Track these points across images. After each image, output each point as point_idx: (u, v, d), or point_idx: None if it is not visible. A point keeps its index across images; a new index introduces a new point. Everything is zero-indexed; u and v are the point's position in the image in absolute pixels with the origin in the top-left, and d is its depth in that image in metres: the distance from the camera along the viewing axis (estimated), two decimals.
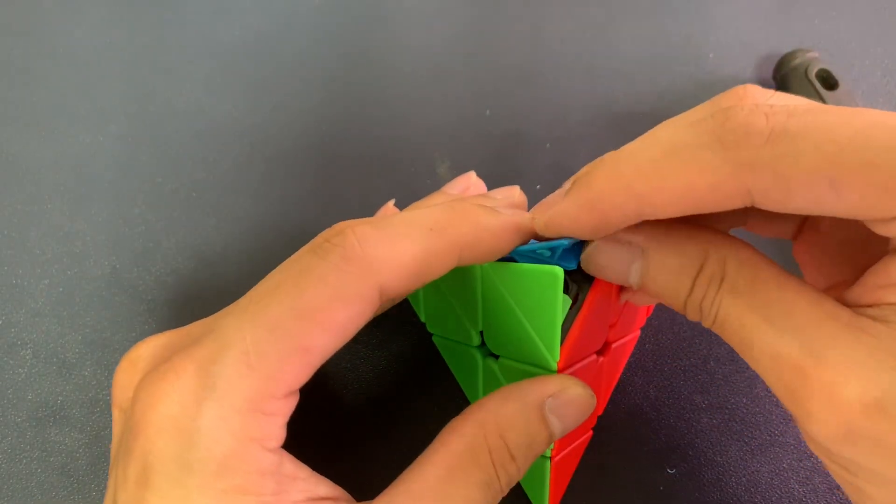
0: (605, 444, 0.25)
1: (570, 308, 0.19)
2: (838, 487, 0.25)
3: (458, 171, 0.30)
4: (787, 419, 0.26)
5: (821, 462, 0.25)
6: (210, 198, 0.30)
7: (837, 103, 0.30)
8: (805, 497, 0.24)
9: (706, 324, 0.17)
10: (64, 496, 0.25)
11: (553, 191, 0.19)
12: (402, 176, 0.31)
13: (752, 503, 0.24)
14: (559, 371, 0.20)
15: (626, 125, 0.32)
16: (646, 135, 0.17)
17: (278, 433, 0.16)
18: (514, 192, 0.22)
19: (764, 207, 0.15)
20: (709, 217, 0.18)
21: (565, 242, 0.18)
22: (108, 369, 0.27)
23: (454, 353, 0.25)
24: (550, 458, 0.22)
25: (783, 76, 0.32)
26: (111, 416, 0.26)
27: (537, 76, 0.33)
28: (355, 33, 0.34)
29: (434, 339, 0.26)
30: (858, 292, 0.15)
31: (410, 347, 0.27)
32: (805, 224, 0.20)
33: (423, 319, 0.26)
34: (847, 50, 0.34)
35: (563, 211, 0.17)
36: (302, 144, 0.31)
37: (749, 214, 0.20)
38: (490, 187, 0.30)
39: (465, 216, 0.18)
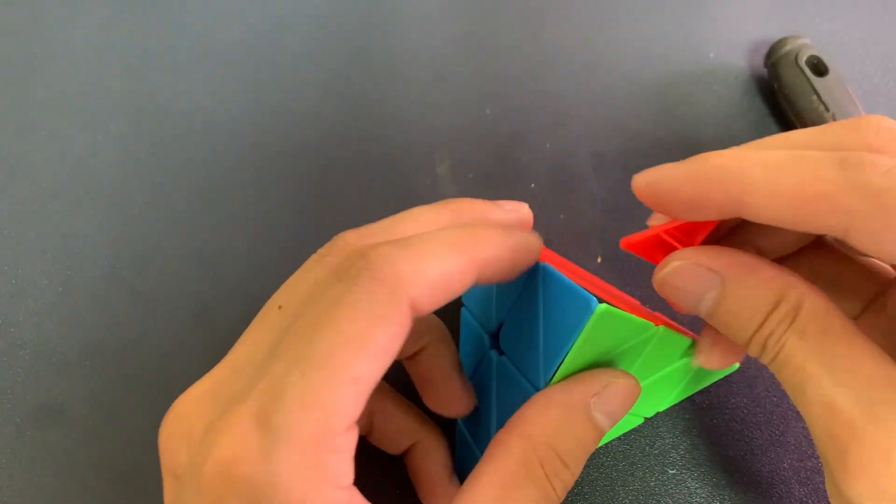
0: (605, 444, 0.25)
1: None
2: None
3: (458, 170, 0.30)
4: (788, 419, 0.26)
5: (821, 462, 0.25)
6: (210, 198, 0.30)
7: (827, 90, 0.30)
8: (805, 497, 0.24)
9: (765, 360, 0.17)
10: (64, 497, 0.25)
11: (551, 190, 0.19)
12: (402, 176, 0.31)
13: (752, 503, 0.24)
14: None
15: (626, 125, 0.32)
16: (781, 135, 0.17)
17: (347, 470, 0.15)
18: (523, 208, 0.22)
19: (853, 241, 0.15)
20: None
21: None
22: (108, 370, 0.27)
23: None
24: None
25: (774, 63, 0.32)
26: (112, 417, 0.26)
27: (537, 76, 0.33)
28: (355, 34, 0.34)
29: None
30: None
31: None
32: (870, 306, 0.20)
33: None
34: (847, 49, 0.34)
35: (671, 174, 0.17)
36: (302, 144, 0.31)
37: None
38: (490, 188, 0.30)
39: (481, 235, 0.18)
